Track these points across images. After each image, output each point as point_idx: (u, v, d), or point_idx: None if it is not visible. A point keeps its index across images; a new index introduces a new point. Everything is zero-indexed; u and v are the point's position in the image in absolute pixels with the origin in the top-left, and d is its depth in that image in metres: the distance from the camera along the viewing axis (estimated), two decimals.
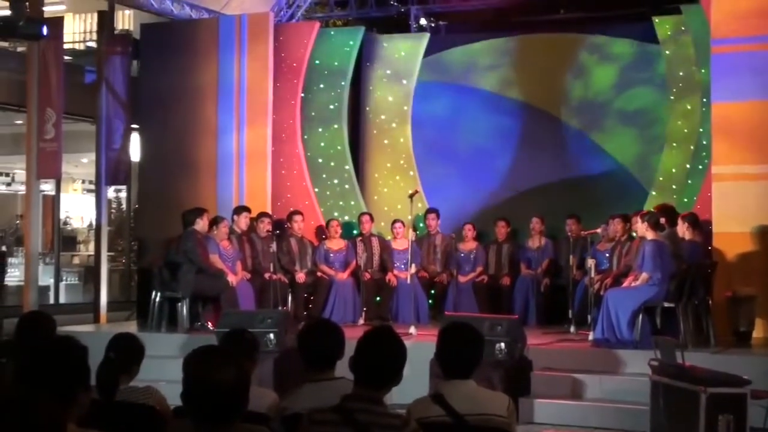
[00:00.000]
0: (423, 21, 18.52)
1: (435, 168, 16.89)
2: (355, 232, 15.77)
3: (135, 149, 16.45)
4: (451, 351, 5.25)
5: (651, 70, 15.92)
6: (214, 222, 13.96)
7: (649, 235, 11.62)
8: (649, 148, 15.78)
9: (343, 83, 16.87)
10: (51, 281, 19.65)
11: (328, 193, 16.65)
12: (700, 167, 14.54)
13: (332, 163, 16.74)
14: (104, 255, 15.83)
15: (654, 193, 15.09)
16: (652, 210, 12.30)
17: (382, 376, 4.59)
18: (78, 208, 23.06)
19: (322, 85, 16.84)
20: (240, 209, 14.61)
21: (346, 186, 16.72)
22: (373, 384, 4.56)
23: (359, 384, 4.58)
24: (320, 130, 16.79)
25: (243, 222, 14.47)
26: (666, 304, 11.37)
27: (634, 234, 13.17)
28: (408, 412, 4.95)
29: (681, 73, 15.39)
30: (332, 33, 17.56)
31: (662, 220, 11.75)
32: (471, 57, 17.25)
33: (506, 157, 16.68)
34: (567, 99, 16.50)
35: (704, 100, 14.35)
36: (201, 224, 13.58)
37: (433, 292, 15.22)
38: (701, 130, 14.60)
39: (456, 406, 4.92)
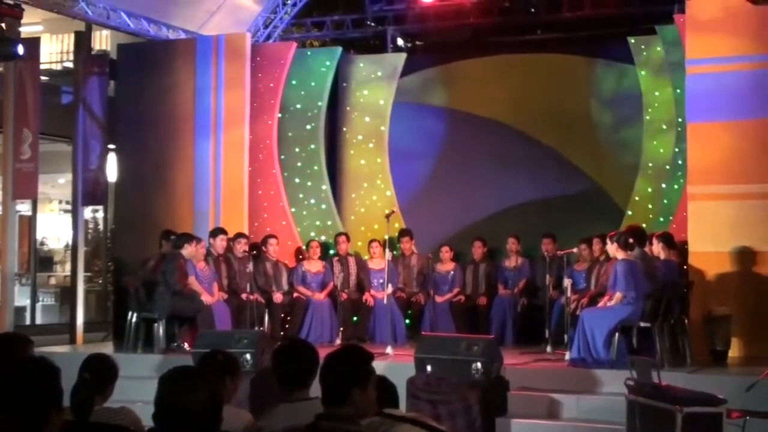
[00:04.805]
0: (400, 41, 18.53)
1: (412, 188, 16.90)
2: (331, 252, 15.76)
3: (112, 169, 16.40)
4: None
5: (626, 90, 15.98)
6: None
7: (620, 255, 11.67)
8: (625, 167, 15.82)
9: (319, 103, 16.89)
10: (27, 302, 19.56)
11: (305, 213, 16.64)
12: (676, 187, 14.62)
13: (309, 183, 16.75)
14: (81, 275, 15.78)
15: (630, 212, 15.14)
16: (620, 231, 12.33)
17: (343, 394, 4.58)
18: (54, 229, 22.94)
19: (298, 106, 16.85)
20: (216, 231, 14.56)
21: (323, 206, 16.72)
22: (335, 402, 4.56)
23: (324, 403, 4.59)
24: (297, 150, 16.79)
25: (219, 245, 14.42)
26: (642, 324, 11.40)
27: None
28: None
29: (656, 93, 15.46)
30: (309, 53, 17.56)
31: (630, 241, 11.78)
32: (448, 77, 17.29)
33: (483, 176, 16.70)
34: (543, 119, 16.53)
35: (680, 120, 14.43)
36: (189, 250, 13.58)
37: (410, 312, 15.22)
38: (677, 150, 14.67)
39: None
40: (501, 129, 16.77)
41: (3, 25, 12.95)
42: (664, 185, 15.02)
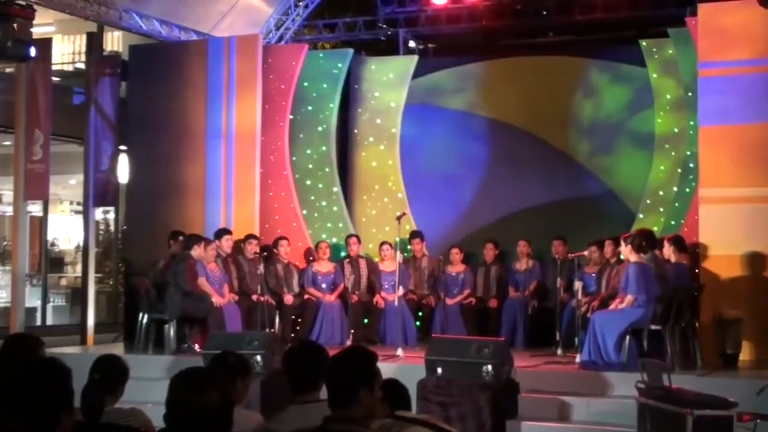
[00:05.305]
0: (411, 44, 18.52)
1: (423, 190, 16.87)
2: (342, 254, 15.75)
3: (123, 171, 16.42)
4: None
5: (638, 93, 15.94)
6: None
7: (632, 257, 11.64)
8: (636, 170, 15.78)
9: (331, 105, 16.88)
10: (38, 303, 19.60)
11: (316, 215, 16.63)
12: (687, 190, 14.57)
13: (320, 185, 16.74)
14: (92, 276, 15.79)
15: (641, 215, 15.10)
16: (634, 233, 12.30)
17: (349, 395, 4.57)
18: (65, 230, 22.99)
19: (310, 107, 16.85)
20: (221, 232, 14.54)
21: (334, 208, 16.70)
22: (342, 404, 4.54)
23: (331, 405, 4.58)
24: (308, 152, 16.79)
25: (226, 245, 14.42)
26: (653, 327, 11.38)
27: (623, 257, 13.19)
28: None
29: (668, 96, 15.42)
30: (321, 55, 17.56)
31: (643, 243, 11.75)
32: (459, 79, 17.26)
33: (493, 179, 16.65)
34: (554, 121, 16.48)
35: (691, 123, 14.39)
36: (198, 251, 13.61)
37: (420, 314, 15.21)
38: (688, 153, 14.63)
39: None
40: (512, 131, 16.73)
41: (15, 26, 12.96)
42: (675, 188, 14.97)
